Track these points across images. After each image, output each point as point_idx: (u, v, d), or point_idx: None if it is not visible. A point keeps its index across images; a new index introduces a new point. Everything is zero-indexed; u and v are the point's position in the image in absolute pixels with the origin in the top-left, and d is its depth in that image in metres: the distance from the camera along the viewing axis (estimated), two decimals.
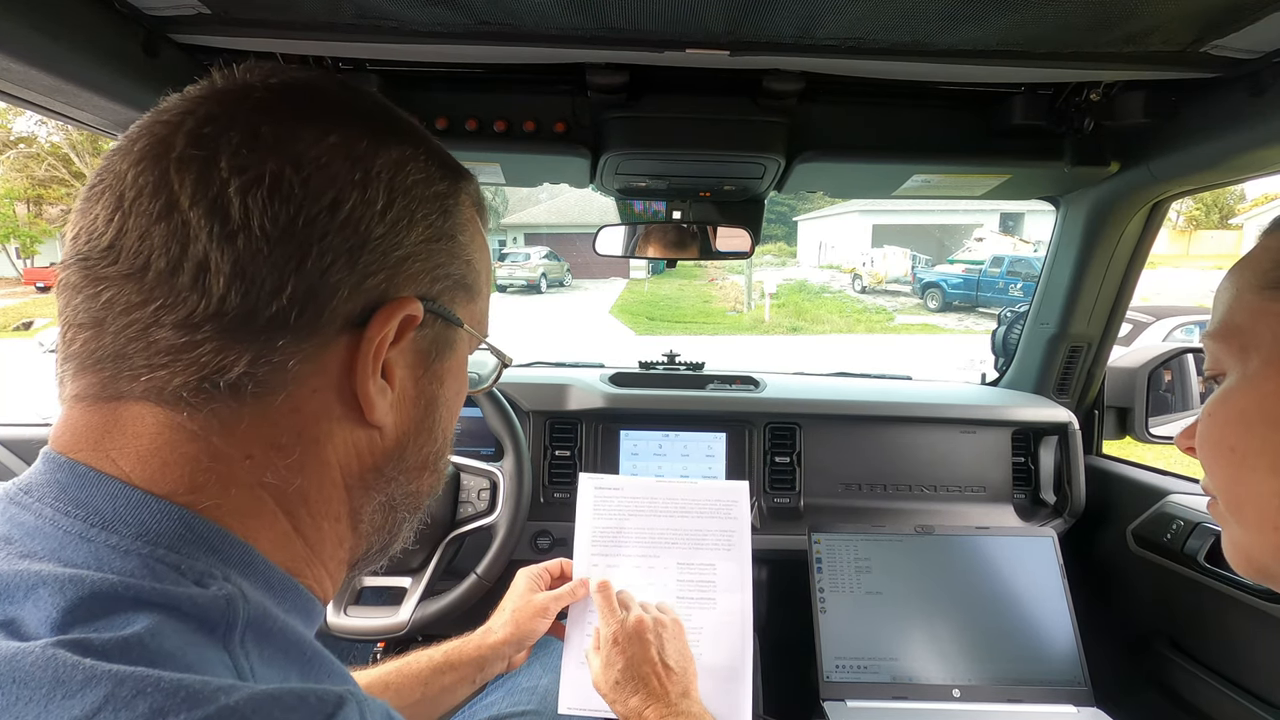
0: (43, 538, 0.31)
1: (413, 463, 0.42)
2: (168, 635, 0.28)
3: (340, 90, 0.39)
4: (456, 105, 1.01)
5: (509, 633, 0.84)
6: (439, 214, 0.39)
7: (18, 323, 13.04)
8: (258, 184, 0.33)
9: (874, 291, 17.02)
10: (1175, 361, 1.33)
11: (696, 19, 0.74)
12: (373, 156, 0.36)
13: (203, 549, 0.32)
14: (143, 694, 0.25)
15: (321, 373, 0.35)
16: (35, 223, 19.92)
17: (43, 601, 0.28)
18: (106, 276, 0.33)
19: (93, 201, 0.34)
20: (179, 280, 0.32)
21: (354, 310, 0.35)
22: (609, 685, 0.75)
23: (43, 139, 19.43)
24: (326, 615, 1.05)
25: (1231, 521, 0.46)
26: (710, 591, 0.89)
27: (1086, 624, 1.09)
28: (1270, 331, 0.42)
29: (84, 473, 0.32)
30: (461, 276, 0.42)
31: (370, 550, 0.43)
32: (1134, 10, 0.68)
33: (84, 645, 0.26)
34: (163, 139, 0.33)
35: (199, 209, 0.32)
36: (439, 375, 0.42)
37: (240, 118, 0.34)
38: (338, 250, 0.34)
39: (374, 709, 0.31)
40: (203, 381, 0.32)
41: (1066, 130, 1.00)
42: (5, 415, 1.47)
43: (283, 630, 0.33)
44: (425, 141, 0.41)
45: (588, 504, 0.95)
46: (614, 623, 0.80)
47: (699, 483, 0.97)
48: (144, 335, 0.32)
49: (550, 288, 18.11)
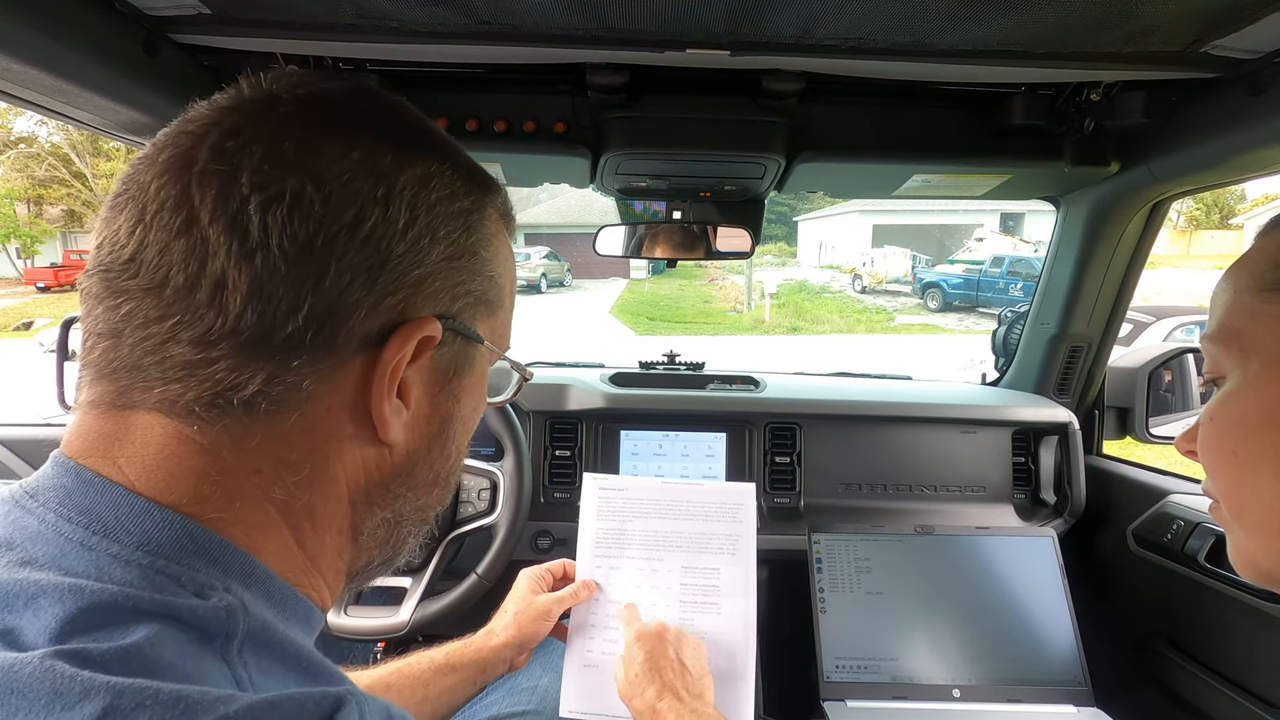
0: (44, 543, 0.31)
1: (422, 479, 0.42)
2: (167, 645, 0.28)
3: (368, 102, 0.38)
4: (457, 105, 1.01)
5: (511, 635, 0.84)
6: (462, 230, 0.39)
7: (18, 323, 13.05)
8: (278, 201, 0.32)
9: (874, 291, 17.02)
10: (1175, 361, 1.33)
11: (696, 19, 0.74)
12: (397, 172, 0.36)
13: (204, 559, 0.32)
14: (141, 706, 0.25)
15: (336, 392, 0.35)
16: (36, 223, 19.94)
17: (43, 611, 0.28)
18: (126, 289, 0.33)
19: (116, 211, 0.34)
20: (196, 297, 0.32)
21: (371, 330, 0.35)
22: (628, 682, 0.75)
23: (43, 139, 19.48)
24: (327, 615, 1.05)
25: (1235, 526, 0.46)
26: (714, 596, 0.88)
27: (1086, 624, 1.09)
28: (1269, 334, 0.42)
29: (90, 478, 0.32)
30: (483, 292, 0.41)
31: (372, 563, 0.43)
32: (1134, 10, 0.68)
33: (82, 656, 0.26)
34: (186, 151, 0.33)
35: (218, 226, 0.32)
36: (456, 393, 0.42)
37: (264, 132, 0.34)
38: (357, 269, 0.34)
39: (373, 707, 0.31)
40: (216, 398, 0.32)
41: (1066, 130, 1.00)
42: (5, 415, 1.47)
43: (282, 641, 0.33)
44: (453, 154, 0.40)
45: (591, 504, 0.95)
46: (636, 624, 0.81)
47: (705, 484, 0.96)
48: (160, 349, 0.32)
49: (550, 288, 18.12)
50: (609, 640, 0.87)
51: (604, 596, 0.90)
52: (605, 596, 0.90)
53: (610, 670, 0.84)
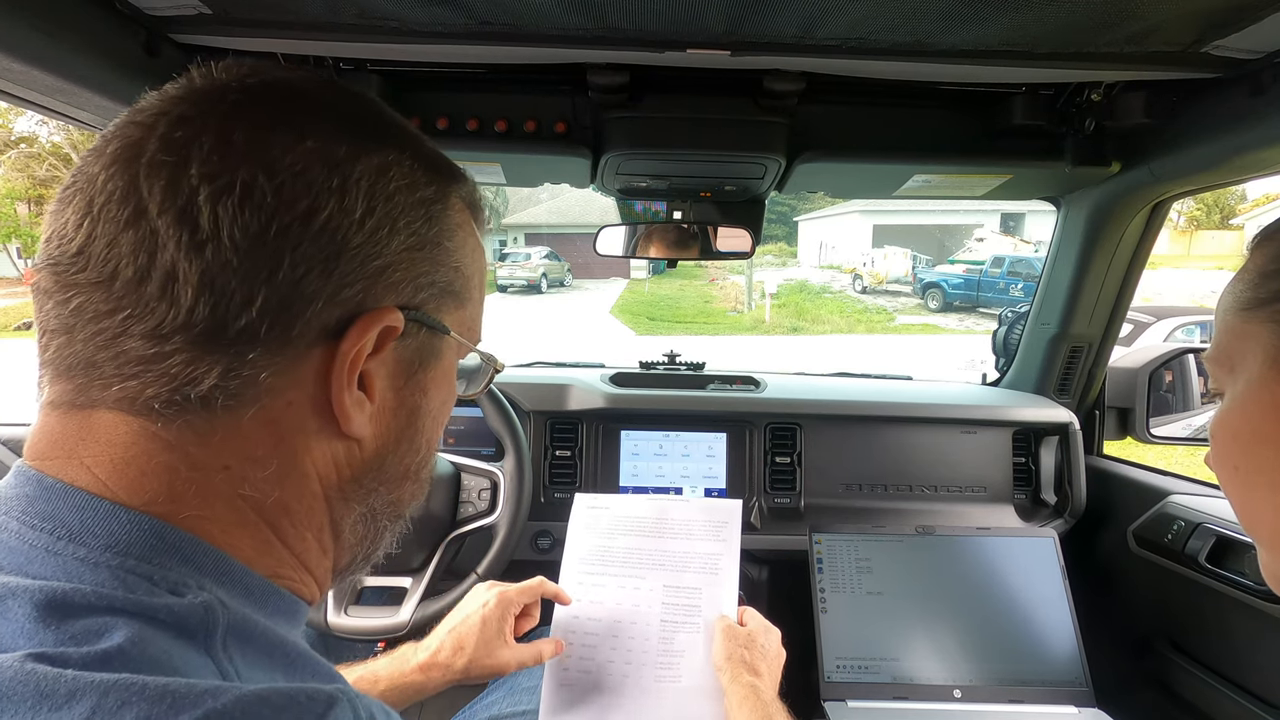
0: (7, 552, 0.30)
1: (393, 473, 0.41)
2: (149, 642, 0.28)
3: (323, 91, 0.37)
4: (457, 105, 1.02)
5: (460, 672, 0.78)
6: (424, 221, 0.38)
7: (18, 323, 13.06)
8: (228, 192, 0.32)
9: (874, 292, 17.01)
10: (1176, 362, 1.33)
11: (697, 19, 0.74)
12: (352, 162, 0.35)
13: (175, 558, 0.32)
14: (128, 704, 0.25)
15: (296, 385, 0.34)
16: (36, 222, 19.92)
17: (12, 613, 0.27)
18: (76, 283, 0.32)
19: (64, 204, 0.33)
20: (147, 290, 0.31)
21: (329, 322, 0.34)
22: (727, 655, 0.81)
23: (44, 139, 19.47)
24: (327, 615, 1.05)
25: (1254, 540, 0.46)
26: (695, 615, 0.88)
27: (1087, 624, 1.09)
28: (1250, 352, 0.43)
29: (51, 485, 0.32)
30: (448, 283, 0.40)
31: (355, 559, 0.42)
32: (1135, 11, 0.68)
33: (62, 658, 0.26)
34: (135, 142, 0.33)
35: (167, 217, 0.31)
36: (422, 385, 0.41)
37: (214, 121, 0.33)
38: (312, 260, 0.33)
39: (367, 705, 0.31)
40: (173, 394, 0.32)
41: (1067, 130, 1.00)
42: (6, 415, 1.47)
43: (265, 633, 0.33)
44: (413, 144, 0.39)
45: (579, 522, 0.96)
46: (740, 611, 0.88)
47: (692, 501, 0.96)
48: (113, 344, 0.31)
49: (551, 288, 18.10)
50: (584, 659, 0.86)
51: (585, 614, 0.89)
52: (586, 614, 0.89)
53: (586, 688, 0.84)
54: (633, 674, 0.85)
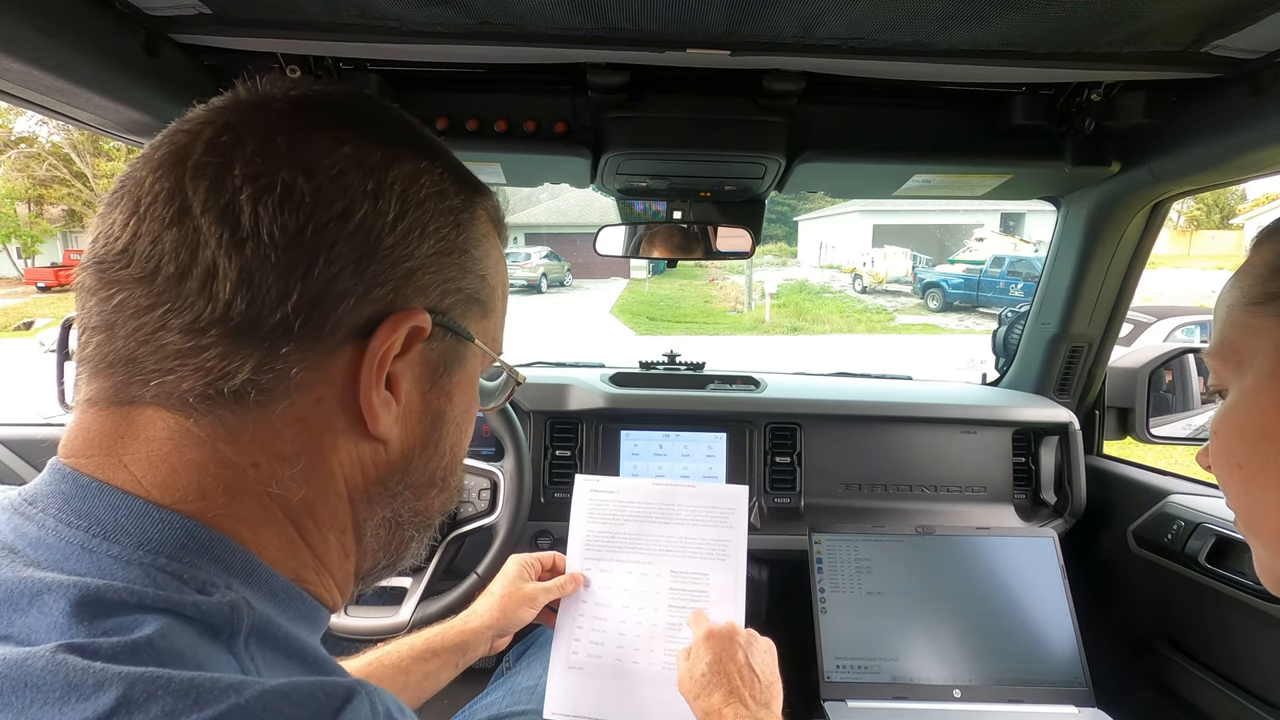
0: (46, 548, 0.31)
1: (419, 479, 0.42)
2: (176, 636, 0.29)
3: (360, 102, 0.39)
4: (457, 105, 1.01)
5: (494, 617, 0.84)
6: (452, 227, 0.39)
7: (18, 322, 13.06)
8: (269, 192, 0.33)
9: (874, 291, 17.01)
10: (1176, 362, 1.33)
11: (697, 19, 0.74)
12: (386, 168, 0.37)
13: (205, 558, 0.32)
14: (154, 697, 0.25)
15: (326, 382, 0.35)
16: (36, 222, 19.93)
17: (47, 608, 0.28)
18: (119, 279, 0.33)
19: (112, 207, 0.34)
20: (187, 285, 0.32)
21: (360, 320, 0.35)
22: (693, 680, 0.73)
23: (43, 139, 19.47)
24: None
25: (1254, 540, 0.46)
26: (702, 601, 0.88)
27: (1087, 624, 1.09)
28: (1259, 347, 0.42)
29: (86, 483, 0.32)
30: (474, 291, 0.42)
31: (377, 565, 0.43)
32: (1135, 10, 0.68)
33: (93, 650, 0.27)
34: (182, 147, 0.34)
35: (210, 215, 0.33)
36: (447, 390, 0.42)
37: (258, 127, 0.35)
38: (345, 259, 0.34)
39: (384, 700, 0.32)
40: (208, 387, 0.33)
41: (1067, 130, 1.00)
42: (5, 415, 1.47)
43: (286, 637, 0.33)
44: (442, 156, 0.41)
45: (582, 506, 0.95)
46: (706, 623, 0.80)
47: (698, 486, 0.96)
48: (152, 339, 0.33)
49: (551, 288, 18.09)
50: (594, 643, 0.87)
51: (591, 599, 0.90)
52: (593, 599, 0.89)
53: (593, 672, 0.84)
54: (642, 659, 0.85)
